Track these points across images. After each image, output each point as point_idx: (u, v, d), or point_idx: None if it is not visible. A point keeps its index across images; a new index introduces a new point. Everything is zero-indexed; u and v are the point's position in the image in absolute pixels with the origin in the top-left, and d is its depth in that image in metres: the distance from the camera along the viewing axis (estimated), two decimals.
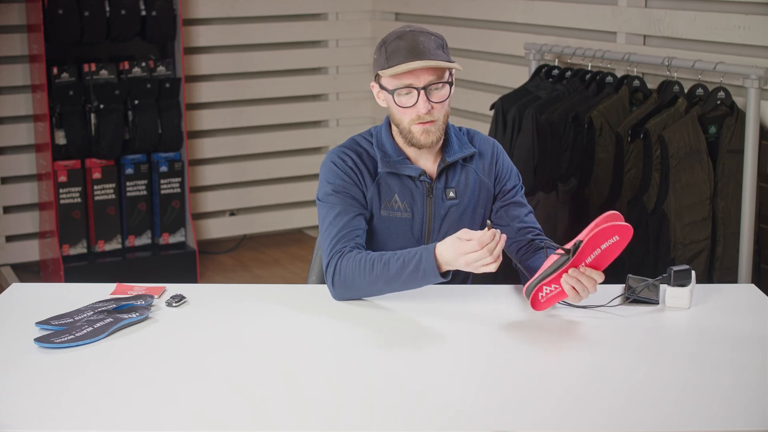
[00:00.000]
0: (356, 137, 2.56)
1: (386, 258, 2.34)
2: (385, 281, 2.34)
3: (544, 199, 3.73)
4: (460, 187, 2.53)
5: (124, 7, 4.78)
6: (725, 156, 3.44)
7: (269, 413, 1.85)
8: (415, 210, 2.51)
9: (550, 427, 1.81)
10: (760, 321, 2.29)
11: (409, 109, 2.41)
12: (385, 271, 2.32)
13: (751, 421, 1.81)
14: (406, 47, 2.38)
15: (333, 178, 2.48)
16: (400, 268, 2.31)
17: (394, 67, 2.37)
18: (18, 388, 1.94)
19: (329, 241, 2.43)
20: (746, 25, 3.49)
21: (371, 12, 5.67)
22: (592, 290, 2.26)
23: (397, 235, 2.51)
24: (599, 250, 2.25)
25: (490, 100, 4.18)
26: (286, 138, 5.65)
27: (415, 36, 2.40)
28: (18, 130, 4.99)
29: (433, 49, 2.40)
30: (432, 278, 2.30)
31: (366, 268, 2.34)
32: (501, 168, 2.57)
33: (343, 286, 2.38)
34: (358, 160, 2.50)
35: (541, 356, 2.11)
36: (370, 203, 2.50)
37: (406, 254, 2.33)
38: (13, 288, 2.52)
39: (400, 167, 2.49)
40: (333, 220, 2.45)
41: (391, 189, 2.50)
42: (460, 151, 2.51)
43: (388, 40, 2.42)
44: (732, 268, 3.46)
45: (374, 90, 2.50)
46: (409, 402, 1.89)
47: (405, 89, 2.39)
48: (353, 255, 2.37)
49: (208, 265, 5.31)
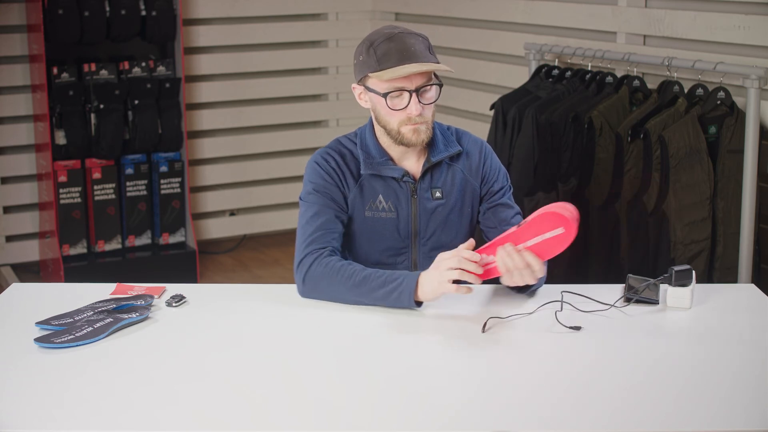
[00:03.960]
0: (341, 138, 2.56)
1: (366, 273, 2.34)
2: (358, 294, 2.35)
3: (544, 199, 3.72)
4: (446, 186, 2.52)
5: (124, 7, 4.78)
6: (725, 156, 3.43)
7: (269, 413, 1.85)
8: (400, 210, 2.50)
9: (550, 427, 1.81)
10: (760, 321, 2.29)
11: (400, 111, 2.40)
12: (362, 286, 2.33)
13: (751, 421, 1.81)
14: (397, 49, 2.36)
15: (315, 178, 2.50)
16: (378, 286, 2.32)
17: (389, 70, 2.35)
18: (18, 388, 1.94)
19: (304, 239, 2.44)
20: (746, 25, 3.49)
21: (371, 12, 5.67)
22: (527, 276, 2.21)
23: (383, 236, 2.51)
24: (541, 237, 2.18)
25: (490, 100, 4.18)
26: (286, 138, 5.65)
27: (404, 38, 2.38)
28: (18, 130, 4.99)
29: (424, 51, 2.38)
30: (406, 305, 2.31)
31: (343, 277, 2.35)
32: (489, 169, 2.56)
33: (314, 288, 2.39)
34: (341, 161, 2.50)
35: (542, 356, 2.11)
36: (352, 205, 2.50)
37: (389, 275, 2.33)
38: (13, 288, 2.52)
39: (383, 169, 2.48)
40: (310, 219, 2.47)
41: (375, 190, 2.50)
42: (445, 150, 2.51)
43: (375, 41, 2.39)
44: (732, 268, 3.46)
45: (356, 91, 2.48)
46: (410, 402, 1.89)
47: (397, 92, 2.38)
48: (332, 261, 2.38)
49: (208, 265, 5.31)
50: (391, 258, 2.53)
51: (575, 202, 3.67)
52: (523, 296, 2.42)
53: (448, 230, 2.53)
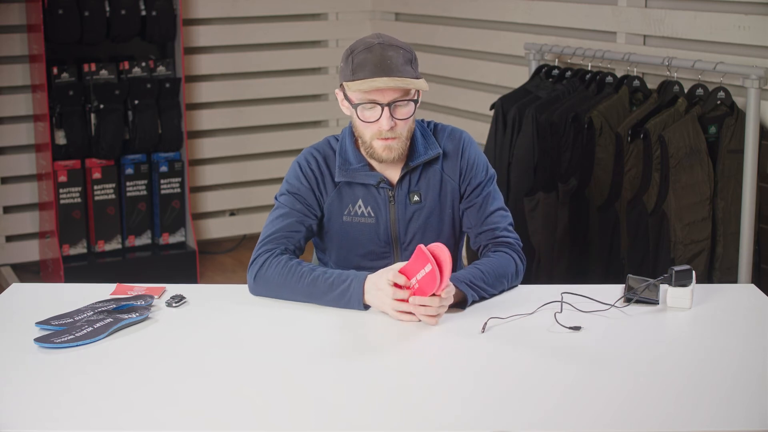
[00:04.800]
0: (330, 138, 2.55)
1: (316, 275, 2.34)
2: (306, 295, 2.35)
3: (544, 199, 3.72)
4: (423, 189, 2.50)
5: (124, 7, 4.78)
6: (725, 156, 3.43)
7: (269, 413, 1.85)
8: (379, 216, 2.49)
9: (550, 427, 1.81)
10: (760, 321, 2.29)
11: (372, 123, 2.37)
12: (311, 287, 2.34)
13: (751, 421, 1.81)
14: (372, 61, 2.33)
15: (292, 179, 2.51)
16: (327, 289, 2.32)
17: (359, 81, 2.33)
18: (18, 388, 1.94)
19: (264, 237, 2.45)
20: (746, 25, 3.49)
21: (371, 12, 5.67)
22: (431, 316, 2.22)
23: (362, 240, 2.50)
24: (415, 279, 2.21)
25: (490, 100, 4.18)
26: (286, 138, 5.65)
27: (383, 50, 2.34)
28: (18, 130, 4.99)
29: (401, 65, 2.34)
30: (355, 307, 2.31)
31: (294, 277, 2.35)
32: (466, 163, 2.51)
33: (264, 285, 2.39)
34: (323, 165, 2.49)
35: (541, 356, 2.10)
36: (329, 209, 2.50)
37: (336, 277, 2.33)
38: (13, 288, 2.52)
39: (358, 175, 2.47)
40: (274, 219, 2.48)
41: (355, 194, 2.49)
42: (425, 153, 2.48)
43: (356, 50, 2.37)
44: (732, 268, 3.46)
45: (339, 97, 2.46)
46: (409, 402, 1.89)
47: (369, 104, 2.36)
48: (283, 260, 2.39)
49: (208, 265, 5.31)
50: (372, 262, 2.51)
51: (575, 202, 3.68)
52: (521, 297, 2.42)
53: (429, 233, 2.50)
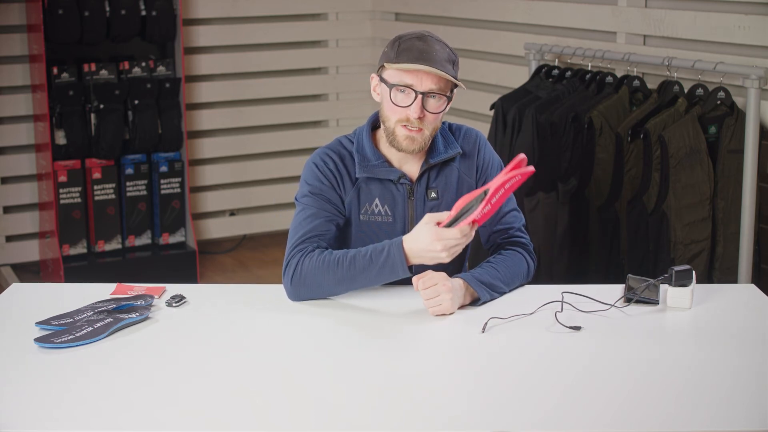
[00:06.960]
0: (341, 138, 2.54)
1: (351, 255, 2.34)
2: (349, 280, 2.34)
3: (544, 199, 3.73)
4: (441, 186, 2.51)
5: (124, 7, 4.78)
6: (725, 156, 3.43)
7: (269, 413, 1.85)
8: (396, 214, 2.49)
9: (550, 427, 1.81)
10: (760, 321, 2.29)
11: (402, 108, 2.39)
12: (351, 270, 2.33)
13: (751, 421, 1.81)
14: (419, 48, 2.38)
15: (312, 180, 2.48)
16: (368, 264, 2.32)
17: (402, 63, 2.37)
18: (18, 388, 1.94)
19: (294, 241, 2.42)
20: (746, 25, 3.49)
21: (371, 12, 5.67)
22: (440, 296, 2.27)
23: (379, 239, 2.48)
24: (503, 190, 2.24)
25: (490, 100, 4.18)
26: (286, 138, 5.65)
27: (432, 42, 2.40)
28: (18, 130, 4.99)
29: (444, 61, 2.40)
30: (400, 273, 2.31)
31: (331, 266, 2.34)
32: (482, 161, 2.54)
33: (303, 285, 2.37)
34: (339, 164, 2.49)
35: (541, 356, 2.10)
36: (349, 208, 2.49)
37: (372, 250, 2.33)
38: (13, 288, 2.52)
39: (378, 171, 2.47)
40: (302, 221, 2.45)
41: (372, 193, 2.49)
42: (445, 152, 2.50)
43: (405, 36, 2.42)
44: (732, 268, 3.46)
45: (373, 82, 2.48)
46: (409, 402, 1.89)
47: (404, 87, 2.38)
48: (315, 254, 2.37)
49: (208, 265, 5.31)
50: None
51: (575, 202, 3.68)
52: (521, 297, 2.42)
53: None
